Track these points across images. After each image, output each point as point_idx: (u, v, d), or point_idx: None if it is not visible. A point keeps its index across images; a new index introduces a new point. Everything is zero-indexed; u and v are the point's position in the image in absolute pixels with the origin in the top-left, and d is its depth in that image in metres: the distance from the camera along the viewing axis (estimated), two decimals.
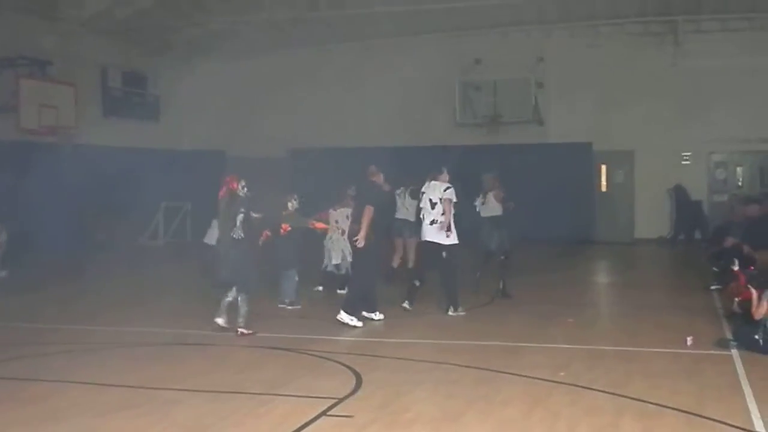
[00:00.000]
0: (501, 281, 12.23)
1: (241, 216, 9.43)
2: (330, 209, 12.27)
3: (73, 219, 17.40)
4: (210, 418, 6.24)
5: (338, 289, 12.09)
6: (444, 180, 10.79)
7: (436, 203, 10.69)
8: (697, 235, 20.05)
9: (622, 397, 6.72)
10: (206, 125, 23.09)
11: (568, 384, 7.16)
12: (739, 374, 7.48)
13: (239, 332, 9.35)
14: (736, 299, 9.80)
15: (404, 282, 12.23)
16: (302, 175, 20.52)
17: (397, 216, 13.19)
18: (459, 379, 7.44)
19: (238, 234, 9.43)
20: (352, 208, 10.97)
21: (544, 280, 14.29)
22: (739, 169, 21.42)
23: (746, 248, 11.46)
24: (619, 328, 10.07)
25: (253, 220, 9.73)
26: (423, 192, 10.95)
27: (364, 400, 6.72)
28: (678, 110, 20.75)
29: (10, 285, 13.70)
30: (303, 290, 11.58)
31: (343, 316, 9.90)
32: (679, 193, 20.77)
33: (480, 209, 12.90)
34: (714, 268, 12.77)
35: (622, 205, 21.63)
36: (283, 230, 11.24)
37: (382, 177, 10.76)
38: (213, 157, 22.12)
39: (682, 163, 21.25)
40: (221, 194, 9.57)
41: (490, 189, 12.89)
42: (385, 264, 12.76)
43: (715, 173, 21.49)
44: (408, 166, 13.78)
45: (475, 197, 12.86)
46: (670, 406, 6.43)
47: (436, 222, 10.67)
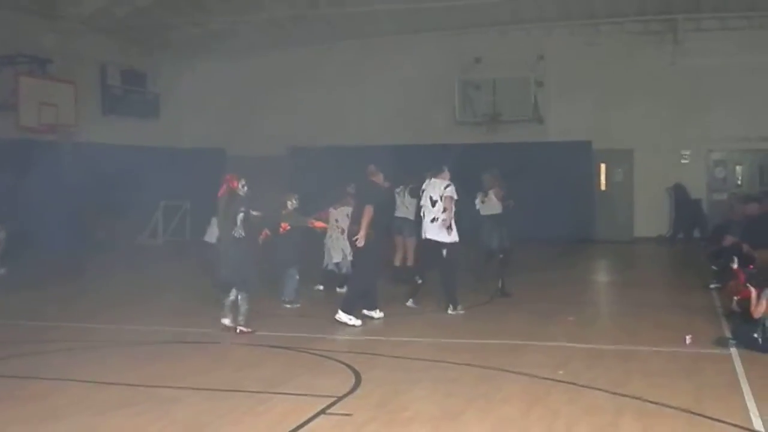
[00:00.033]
0: (500, 280, 12.20)
1: (242, 215, 9.43)
2: (330, 208, 12.26)
3: (72, 217, 17.38)
4: (209, 416, 6.24)
5: (338, 287, 12.10)
6: (445, 178, 10.79)
7: (436, 201, 10.67)
8: (697, 233, 20.03)
9: (622, 396, 6.72)
10: (206, 123, 23.06)
11: (568, 382, 7.16)
12: (738, 373, 7.48)
13: (238, 330, 9.37)
14: (735, 298, 9.79)
15: (404, 280, 12.24)
16: (302, 173, 20.51)
17: (397, 214, 13.18)
18: (458, 378, 7.44)
19: (238, 233, 9.44)
20: (352, 207, 10.97)
21: (544, 278, 14.28)
22: (738, 168, 21.40)
23: (745, 247, 11.47)
24: (619, 327, 10.07)
25: (253, 219, 9.73)
26: (423, 189, 10.94)
27: (363, 398, 6.72)
28: (677, 109, 20.75)
29: (9, 283, 13.69)
30: (303, 289, 11.57)
31: (341, 316, 9.90)
32: (678, 192, 20.75)
33: (480, 208, 12.91)
34: (713, 266, 12.79)
35: (622, 204, 21.61)
36: (282, 229, 11.24)
37: (381, 176, 10.75)
38: (213, 156, 22.17)
39: (682, 161, 21.23)
40: (221, 193, 9.57)
41: (491, 187, 12.89)
42: (388, 263, 12.74)
43: (714, 172, 21.48)
44: (408, 164, 13.78)
45: (475, 196, 12.87)
46: (669, 405, 6.43)
47: (436, 220, 10.66)
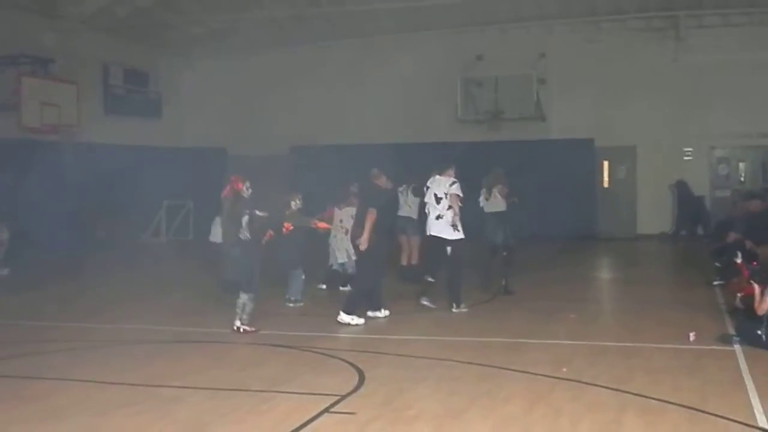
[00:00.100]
0: (504, 278, 12.17)
1: (247, 217, 9.42)
2: (335, 208, 12.24)
3: (73, 217, 17.40)
4: (211, 416, 6.23)
5: (341, 286, 12.08)
6: (450, 175, 10.75)
7: (441, 198, 10.63)
8: (700, 230, 20.03)
9: (625, 393, 6.70)
10: (207, 123, 23.07)
11: (570, 380, 7.15)
12: (742, 370, 7.46)
13: (242, 329, 9.36)
14: (738, 295, 9.74)
15: (411, 279, 12.20)
16: (304, 172, 20.50)
17: (400, 213, 13.16)
18: (461, 376, 7.43)
19: (244, 235, 9.42)
20: (356, 207, 10.93)
21: (546, 276, 14.25)
22: (741, 165, 21.39)
23: (749, 243, 11.44)
24: (622, 324, 10.04)
25: (258, 220, 9.71)
26: (428, 186, 10.90)
27: (367, 397, 6.71)
28: (680, 106, 20.72)
29: (11, 283, 13.70)
30: (306, 288, 11.54)
31: (343, 317, 9.83)
32: (681, 189, 20.72)
33: (484, 205, 12.88)
34: (716, 263, 12.74)
35: (624, 201, 21.60)
36: (285, 229, 11.21)
37: (384, 179, 10.72)
38: (214, 155, 22.16)
39: (684, 158, 21.22)
40: (225, 193, 9.56)
41: (495, 185, 12.87)
42: (394, 263, 12.69)
43: (717, 169, 21.45)
44: (409, 162, 13.76)
45: (478, 193, 12.84)
46: (672, 402, 6.41)
47: (441, 217, 10.62)
